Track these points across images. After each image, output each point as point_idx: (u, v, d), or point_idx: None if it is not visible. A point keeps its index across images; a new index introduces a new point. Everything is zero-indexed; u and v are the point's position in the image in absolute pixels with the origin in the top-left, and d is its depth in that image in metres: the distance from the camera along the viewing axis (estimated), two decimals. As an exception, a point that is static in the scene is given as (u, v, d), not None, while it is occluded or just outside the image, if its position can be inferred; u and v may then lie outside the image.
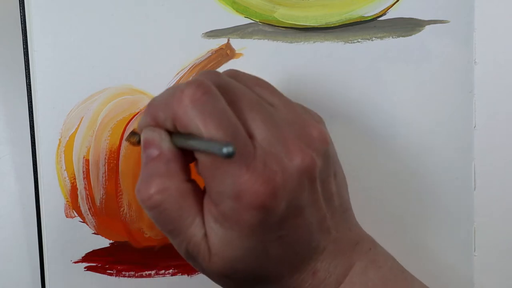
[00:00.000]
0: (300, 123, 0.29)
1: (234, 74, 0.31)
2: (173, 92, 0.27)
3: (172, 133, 0.28)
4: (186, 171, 0.28)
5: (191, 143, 0.27)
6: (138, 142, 0.31)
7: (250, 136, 0.27)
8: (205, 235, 0.28)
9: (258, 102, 0.28)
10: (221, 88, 0.28)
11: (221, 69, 0.38)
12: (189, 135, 0.27)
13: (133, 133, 0.31)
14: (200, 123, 0.26)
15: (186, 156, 0.28)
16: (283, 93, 0.30)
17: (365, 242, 0.31)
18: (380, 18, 0.39)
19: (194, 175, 0.29)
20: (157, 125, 0.28)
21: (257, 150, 0.26)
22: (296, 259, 0.29)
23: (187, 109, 0.26)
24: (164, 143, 0.28)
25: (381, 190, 0.39)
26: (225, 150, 0.24)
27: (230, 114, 0.26)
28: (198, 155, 0.27)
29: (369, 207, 0.39)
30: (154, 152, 0.28)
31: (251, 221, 0.26)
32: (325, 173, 0.29)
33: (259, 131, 0.27)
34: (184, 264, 0.39)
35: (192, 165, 0.29)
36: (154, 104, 0.29)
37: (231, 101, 0.27)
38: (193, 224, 0.28)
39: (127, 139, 0.32)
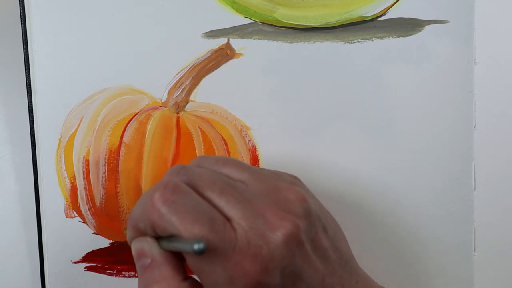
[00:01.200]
0: (274, 191, 0.29)
1: (200, 162, 0.31)
2: (145, 200, 0.28)
3: (159, 237, 0.29)
4: (181, 271, 0.29)
5: (173, 245, 0.27)
6: None
7: (228, 219, 0.27)
8: None
9: (227, 184, 0.28)
10: (189, 182, 0.28)
11: (221, 69, 0.38)
12: (171, 237, 0.27)
13: None
14: (176, 223, 0.26)
15: (178, 256, 0.29)
16: (250, 166, 0.31)
17: None
18: (380, 18, 0.39)
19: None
20: (142, 234, 0.29)
21: (237, 231, 0.27)
22: None
23: (161, 212, 0.27)
24: (153, 249, 0.29)
25: (381, 189, 0.39)
26: (196, 247, 0.25)
27: (202, 204, 0.27)
28: (183, 253, 0.28)
29: (369, 207, 0.39)
30: (146, 261, 0.29)
31: None
32: (312, 231, 0.28)
33: (235, 211, 0.27)
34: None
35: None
36: (133, 217, 0.29)
37: (201, 191, 0.28)
38: None
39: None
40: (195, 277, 0.29)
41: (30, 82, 0.37)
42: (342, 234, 0.31)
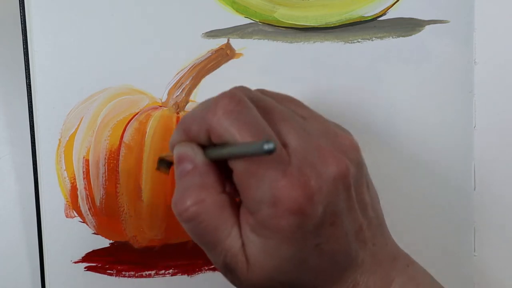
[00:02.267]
0: (332, 133, 0.29)
1: (263, 91, 0.31)
2: (207, 105, 0.27)
3: (205, 147, 0.28)
4: (221, 183, 0.28)
5: (227, 151, 0.27)
6: (168, 167, 0.31)
7: (284, 145, 0.27)
8: (243, 246, 0.27)
9: (289, 114, 0.28)
10: (254, 101, 0.28)
11: (221, 69, 0.38)
12: (224, 145, 0.27)
13: (162, 160, 0.32)
14: (235, 132, 0.26)
15: (221, 169, 0.28)
16: (309, 107, 0.31)
17: (402, 259, 0.31)
18: (380, 18, 0.39)
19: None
20: (189, 139, 0.29)
21: (292, 157, 0.26)
22: (336, 269, 0.28)
23: (222, 119, 0.26)
24: (198, 156, 0.28)
25: (381, 190, 0.39)
26: (266, 146, 0.24)
27: (263, 123, 0.27)
28: (233, 165, 0.27)
29: (369, 207, 0.39)
30: (188, 166, 0.28)
31: (289, 227, 0.26)
32: (359, 181, 0.29)
33: (293, 140, 0.27)
34: (184, 264, 0.39)
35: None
36: (187, 119, 0.29)
37: (264, 113, 0.28)
38: (230, 236, 0.28)
39: (158, 169, 0.32)
40: None
41: (30, 82, 0.37)
42: (378, 199, 0.32)
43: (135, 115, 0.38)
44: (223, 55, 0.38)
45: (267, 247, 0.27)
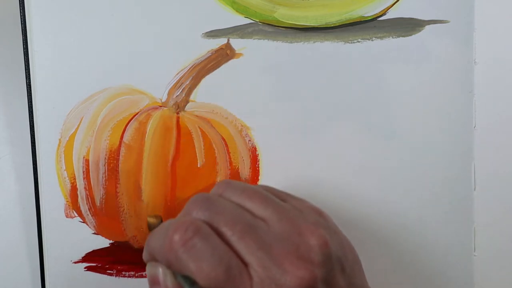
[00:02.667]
0: (295, 234, 0.29)
1: (225, 191, 0.31)
2: (165, 235, 0.28)
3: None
4: None
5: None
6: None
7: (245, 263, 0.27)
8: None
9: (249, 226, 0.28)
10: (210, 220, 0.28)
11: (221, 69, 0.38)
12: (187, 277, 0.27)
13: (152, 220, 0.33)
14: (193, 267, 0.27)
15: None
16: (275, 200, 0.30)
17: None
18: (380, 18, 0.39)
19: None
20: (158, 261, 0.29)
21: (254, 279, 0.27)
22: None
23: (178, 255, 0.27)
24: (167, 281, 0.29)
25: (381, 190, 0.39)
26: None
27: (222, 250, 0.27)
28: None
29: (369, 207, 0.39)
30: None
31: None
32: (329, 276, 0.28)
33: (253, 258, 0.27)
34: (184, 264, 0.39)
35: None
36: (151, 245, 0.30)
37: (222, 232, 0.28)
38: None
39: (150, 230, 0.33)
40: None
41: (30, 82, 0.37)
42: (359, 264, 0.31)
43: (135, 115, 0.38)
44: (223, 55, 0.38)
45: None
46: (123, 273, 0.38)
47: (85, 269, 0.38)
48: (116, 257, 0.38)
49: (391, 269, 0.40)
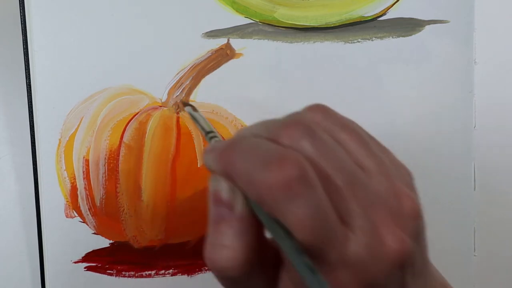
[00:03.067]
0: (392, 195, 0.26)
1: (321, 116, 0.26)
2: (259, 163, 0.23)
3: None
4: (258, 239, 0.25)
5: (274, 235, 0.23)
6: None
7: (343, 220, 0.24)
8: None
9: (354, 177, 0.25)
10: (315, 159, 0.24)
11: (221, 69, 0.38)
12: (273, 220, 0.23)
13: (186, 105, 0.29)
14: (290, 219, 0.22)
15: (261, 226, 0.25)
16: (373, 147, 0.27)
17: None
18: (380, 18, 0.39)
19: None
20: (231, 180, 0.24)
21: (350, 242, 0.24)
22: None
23: (276, 195, 0.22)
24: (237, 205, 0.24)
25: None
26: (307, 274, 0.21)
27: (325, 208, 0.23)
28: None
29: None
30: (224, 212, 0.24)
31: None
32: (417, 254, 0.26)
33: (355, 218, 0.24)
34: (184, 264, 0.39)
35: None
36: (232, 162, 0.24)
37: (325, 177, 0.24)
38: None
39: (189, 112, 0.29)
40: None
41: (30, 82, 0.37)
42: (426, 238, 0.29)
43: (135, 115, 0.38)
44: (223, 55, 0.38)
45: None
46: (123, 273, 0.38)
47: (85, 269, 0.38)
48: (116, 257, 0.38)
49: (391, 269, 0.40)
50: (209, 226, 0.25)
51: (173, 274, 0.39)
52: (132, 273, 0.39)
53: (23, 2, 0.36)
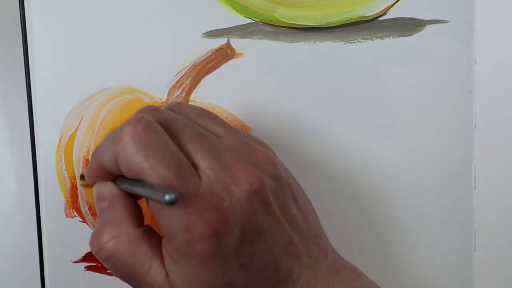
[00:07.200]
0: (246, 148, 0.28)
1: (176, 107, 0.31)
2: (114, 133, 0.27)
3: (119, 177, 0.28)
4: (136, 217, 0.28)
5: (136, 190, 0.27)
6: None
7: (195, 166, 0.27)
8: (167, 277, 0.27)
9: (199, 132, 0.28)
10: (162, 123, 0.27)
11: (221, 69, 0.38)
12: (134, 181, 0.27)
13: (83, 176, 0.33)
14: (142, 159, 0.26)
15: (137, 202, 0.29)
16: (227, 122, 0.30)
17: (349, 271, 0.30)
18: (380, 18, 0.39)
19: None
20: (103, 170, 0.29)
21: (203, 179, 0.26)
22: (267, 287, 0.27)
23: (128, 146, 0.26)
24: (112, 192, 0.29)
25: (381, 190, 0.39)
26: (167, 197, 0.24)
27: (172, 146, 0.26)
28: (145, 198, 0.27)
29: (369, 207, 0.39)
30: (105, 204, 0.29)
31: (207, 252, 0.25)
32: (280, 195, 0.28)
33: (203, 160, 0.27)
34: (184, 264, 0.39)
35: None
36: (99, 149, 0.29)
37: (172, 134, 0.27)
38: (151, 269, 0.27)
39: (82, 185, 0.34)
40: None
41: (30, 82, 0.37)
42: (313, 209, 0.31)
43: (135, 115, 0.38)
44: (223, 55, 0.38)
45: (190, 275, 0.26)
46: (123, 273, 0.38)
47: (85, 269, 0.38)
48: (116, 257, 0.38)
49: (391, 269, 0.40)
50: (96, 223, 0.29)
51: (173, 274, 0.39)
52: (132, 273, 0.39)
53: (23, 2, 0.36)
